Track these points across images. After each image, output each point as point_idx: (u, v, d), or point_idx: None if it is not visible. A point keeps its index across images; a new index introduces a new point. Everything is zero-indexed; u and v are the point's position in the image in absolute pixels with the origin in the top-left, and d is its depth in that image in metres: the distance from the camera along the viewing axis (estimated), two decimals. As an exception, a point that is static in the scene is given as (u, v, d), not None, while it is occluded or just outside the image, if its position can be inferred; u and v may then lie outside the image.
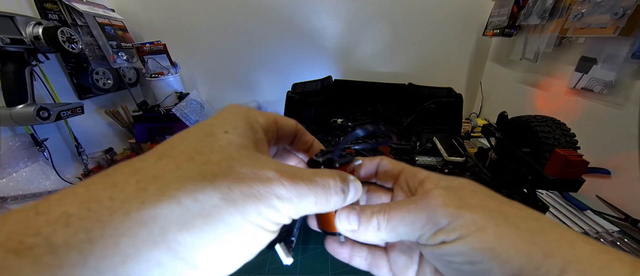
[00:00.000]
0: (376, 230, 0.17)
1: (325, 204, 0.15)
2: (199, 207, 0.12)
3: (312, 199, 0.14)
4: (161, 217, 0.11)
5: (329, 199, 0.15)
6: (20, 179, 0.71)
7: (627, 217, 0.59)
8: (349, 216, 0.17)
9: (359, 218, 0.17)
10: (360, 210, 0.17)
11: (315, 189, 0.14)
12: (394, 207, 0.17)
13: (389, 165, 0.21)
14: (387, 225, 0.17)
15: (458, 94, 0.83)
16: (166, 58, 1.03)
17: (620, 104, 0.62)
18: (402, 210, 0.17)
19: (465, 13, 1.07)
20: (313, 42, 1.13)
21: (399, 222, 0.16)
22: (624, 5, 0.55)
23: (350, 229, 0.17)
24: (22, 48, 0.64)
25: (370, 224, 0.17)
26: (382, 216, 0.17)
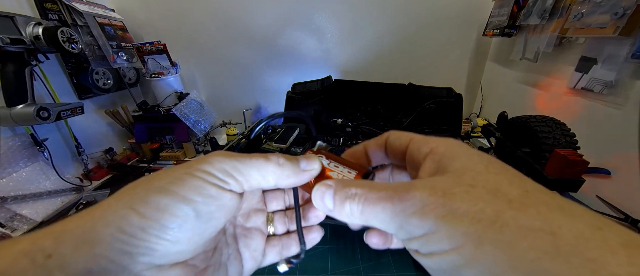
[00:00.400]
0: (349, 216, 0.16)
1: (266, 173, 0.17)
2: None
3: (254, 170, 0.17)
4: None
5: (267, 168, 0.17)
6: (20, 179, 0.71)
7: (627, 217, 0.59)
8: (324, 194, 0.17)
9: (333, 198, 0.16)
10: (336, 190, 0.16)
11: (256, 161, 0.17)
12: (369, 197, 0.15)
13: (396, 139, 0.19)
14: (361, 215, 0.15)
15: (458, 94, 0.83)
16: (166, 58, 1.03)
17: (620, 104, 0.62)
18: (376, 203, 0.15)
19: (465, 13, 1.07)
20: (313, 42, 1.13)
21: (371, 216, 0.15)
22: (624, 5, 0.55)
23: (326, 208, 0.17)
24: (22, 48, 0.64)
25: (343, 209, 0.16)
26: (356, 205, 0.15)
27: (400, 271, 0.53)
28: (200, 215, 0.15)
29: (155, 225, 0.14)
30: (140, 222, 0.14)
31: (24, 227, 0.65)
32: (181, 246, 0.15)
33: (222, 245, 0.20)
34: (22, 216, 0.67)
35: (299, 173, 0.18)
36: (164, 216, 0.14)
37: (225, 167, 0.16)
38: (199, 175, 0.15)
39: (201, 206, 0.15)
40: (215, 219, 0.16)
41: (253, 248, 0.21)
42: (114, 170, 0.91)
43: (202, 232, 0.16)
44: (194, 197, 0.15)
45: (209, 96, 1.22)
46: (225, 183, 0.16)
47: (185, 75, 1.15)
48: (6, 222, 0.65)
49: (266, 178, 0.17)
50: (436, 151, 0.16)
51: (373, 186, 0.15)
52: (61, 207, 0.73)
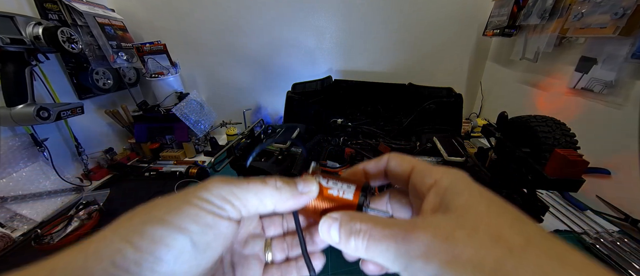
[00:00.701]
0: (354, 251, 0.16)
1: (263, 197, 0.17)
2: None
3: (252, 195, 0.17)
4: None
5: (264, 192, 0.17)
6: (20, 179, 0.71)
7: (627, 217, 0.59)
8: (330, 228, 0.17)
9: (339, 231, 0.16)
10: (342, 223, 0.16)
11: (254, 186, 0.17)
12: (374, 234, 0.15)
13: (398, 165, 0.19)
14: (366, 251, 0.15)
15: (458, 94, 0.83)
16: (166, 58, 1.03)
17: (620, 104, 0.62)
18: (381, 242, 0.15)
19: (465, 13, 1.07)
20: (313, 42, 1.13)
21: (376, 254, 0.15)
22: (624, 5, 0.55)
23: (332, 241, 0.17)
24: (22, 48, 0.64)
25: (349, 244, 0.16)
26: (361, 241, 0.15)
27: (400, 271, 0.53)
28: (197, 246, 0.15)
29: (150, 257, 0.13)
30: (135, 255, 0.13)
31: (24, 227, 0.65)
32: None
33: (219, 274, 0.19)
34: (22, 216, 0.67)
35: (297, 196, 0.18)
36: (158, 248, 0.13)
37: (223, 193, 0.16)
38: (196, 203, 0.15)
39: (197, 236, 0.15)
40: (211, 249, 0.16)
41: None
42: (114, 170, 0.91)
43: (198, 263, 0.15)
44: (190, 226, 0.14)
45: (209, 96, 1.22)
46: (223, 209, 0.16)
47: (185, 75, 1.15)
48: (6, 222, 0.65)
49: (264, 203, 0.17)
50: (440, 184, 0.16)
51: (377, 222, 0.16)
52: (61, 207, 0.73)
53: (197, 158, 1.00)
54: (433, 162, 0.62)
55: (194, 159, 0.99)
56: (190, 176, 0.84)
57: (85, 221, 0.65)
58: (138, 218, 0.15)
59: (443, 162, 0.61)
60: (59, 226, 0.63)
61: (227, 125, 1.14)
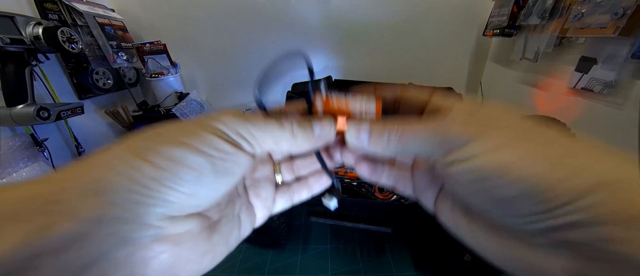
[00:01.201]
0: (386, 146, 0.17)
1: (279, 140, 0.17)
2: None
3: (268, 136, 0.17)
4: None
5: (281, 136, 0.17)
6: (20, 179, 0.71)
7: (627, 217, 0.59)
8: (359, 134, 0.17)
9: (369, 136, 0.17)
10: (372, 127, 0.17)
11: (271, 127, 0.17)
12: (409, 124, 0.16)
13: (417, 90, 0.20)
14: (399, 142, 0.16)
15: (458, 94, 0.83)
16: (166, 58, 1.03)
17: (620, 104, 0.62)
18: (417, 127, 0.16)
19: (465, 13, 1.07)
20: (313, 41, 1.13)
21: (411, 139, 0.16)
22: (624, 5, 0.55)
23: (360, 146, 0.18)
24: (22, 48, 0.64)
25: (380, 140, 0.17)
26: (395, 133, 0.16)
27: (400, 271, 0.53)
28: (217, 169, 0.15)
29: (171, 176, 0.13)
30: (155, 173, 0.13)
31: (24, 227, 0.65)
32: (198, 200, 0.15)
33: (234, 196, 0.20)
34: (22, 216, 0.67)
35: (312, 140, 0.18)
36: (180, 168, 0.13)
37: (239, 128, 0.16)
38: (213, 131, 0.15)
39: (217, 160, 0.15)
40: (231, 174, 0.16)
41: (264, 197, 0.21)
42: (114, 170, 0.91)
43: (219, 187, 0.15)
44: (209, 151, 0.14)
45: (209, 96, 1.22)
46: (239, 144, 0.16)
47: (185, 75, 1.15)
48: (6, 222, 0.65)
49: (279, 145, 0.17)
50: (464, 101, 0.17)
51: (406, 121, 0.17)
52: (61, 207, 0.73)
53: (197, 158, 1.00)
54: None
55: (194, 159, 0.99)
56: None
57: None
58: (150, 139, 0.14)
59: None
60: (59, 227, 0.63)
61: (227, 125, 1.14)
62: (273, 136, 0.17)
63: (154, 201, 0.13)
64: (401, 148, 0.17)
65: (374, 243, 0.59)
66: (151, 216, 0.13)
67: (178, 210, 0.14)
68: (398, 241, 0.72)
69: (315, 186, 0.22)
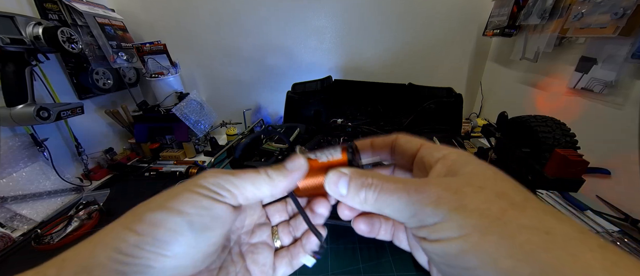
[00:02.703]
0: (363, 202, 0.17)
1: (258, 184, 0.18)
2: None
3: (248, 183, 0.18)
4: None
5: (258, 180, 0.18)
6: (20, 179, 0.71)
7: (627, 217, 0.59)
8: (338, 181, 0.18)
9: (347, 185, 0.17)
10: (352, 178, 0.17)
11: (249, 175, 0.18)
12: (386, 187, 0.16)
13: (407, 142, 0.20)
14: (375, 203, 0.16)
15: (458, 94, 0.83)
16: (166, 58, 1.03)
17: (620, 104, 0.62)
18: (392, 193, 0.16)
19: (465, 13, 1.07)
20: (313, 41, 1.13)
21: (385, 204, 0.16)
22: (624, 5, 0.55)
23: (338, 194, 0.18)
24: (22, 48, 0.64)
25: (358, 195, 0.17)
26: (372, 193, 0.16)
27: (400, 271, 0.53)
28: (194, 227, 0.15)
29: (150, 240, 0.14)
30: (136, 239, 0.14)
31: (24, 227, 0.65)
32: (178, 260, 0.15)
33: (227, 264, 0.20)
34: (22, 216, 0.67)
35: (288, 175, 0.19)
36: (157, 231, 0.14)
37: (220, 181, 0.17)
38: (193, 189, 0.16)
39: (194, 217, 0.15)
40: (209, 230, 0.16)
41: (261, 263, 0.21)
42: (114, 170, 0.91)
43: (197, 245, 0.16)
44: (186, 209, 0.15)
45: (209, 96, 1.22)
46: (219, 195, 0.17)
47: (185, 75, 1.15)
48: (6, 222, 0.65)
49: (260, 189, 0.18)
50: (448, 157, 0.17)
51: (388, 178, 0.17)
52: (61, 207, 0.73)
53: (197, 158, 1.00)
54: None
55: (194, 159, 0.99)
56: (190, 176, 0.84)
57: (85, 222, 0.65)
58: (140, 207, 0.16)
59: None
60: (59, 227, 0.63)
61: (227, 125, 1.14)
62: (252, 181, 0.18)
63: (136, 268, 0.14)
64: (377, 210, 0.17)
65: (374, 243, 0.59)
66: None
67: (160, 275, 0.14)
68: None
69: (308, 244, 0.22)
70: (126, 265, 0.13)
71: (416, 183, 0.16)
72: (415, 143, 0.20)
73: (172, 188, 0.17)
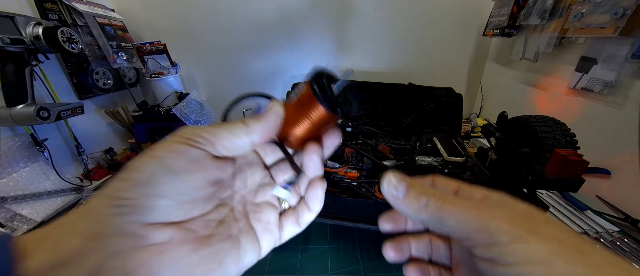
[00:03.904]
0: (421, 210, 0.17)
1: (235, 130, 0.19)
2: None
3: (223, 130, 0.19)
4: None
5: (234, 127, 0.19)
6: (20, 179, 0.71)
7: (627, 217, 0.59)
8: (398, 183, 0.18)
9: (406, 189, 0.18)
10: (413, 185, 0.18)
11: (225, 124, 0.19)
12: (452, 200, 0.16)
13: (443, 184, 0.20)
14: (436, 212, 0.17)
15: (458, 94, 0.83)
16: (166, 58, 1.03)
17: (620, 104, 0.62)
18: (460, 206, 0.16)
19: (465, 13, 1.07)
20: (313, 41, 1.13)
21: (450, 215, 0.16)
22: (624, 5, 0.55)
23: (394, 194, 0.18)
24: (22, 48, 0.64)
25: (417, 201, 0.17)
26: (434, 202, 0.17)
27: (400, 271, 0.53)
28: (170, 168, 0.17)
29: (132, 183, 0.16)
30: (122, 185, 0.16)
31: (24, 227, 0.65)
32: (163, 200, 0.16)
33: (229, 219, 0.20)
34: (22, 216, 0.67)
35: (262, 118, 0.19)
36: (137, 174, 0.16)
37: (196, 130, 0.18)
38: (169, 138, 0.18)
39: (167, 160, 0.17)
40: (186, 172, 0.17)
41: (265, 221, 0.21)
42: (114, 170, 0.91)
43: (179, 186, 0.17)
44: (162, 153, 0.17)
45: (209, 96, 1.22)
46: (194, 141, 0.18)
47: (185, 75, 1.15)
48: (6, 222, 0.65)
49: (238, 136, 0.19)
50: (490, 198, 0.17)
51: (449, 195, 0.17)
52: (61, 207, 0.73)
53: (197, 158, 1.00)
54: (433, 162, 0.62)
55: (194, 159, 0.99)
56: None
57: (85, 221, 0.65)
58: (129, 162, 0.17)
59: (443, 162, 0.61)
60: (59, 226, 0.63)
61: (227, 125, 1.14)
62: (228, 129, 0.19)
63: (127, 209, 0.15)
64: (437, 219, 0.17)
65: (374, 243, 0.59)
66: (130, 225, 0.15)
67: (149, 215, 0.16)
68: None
69: (312, 203, 0.22)
70: (118, 206, 0.15)
71: (484, 202, 0.16)
72: (452, 185, 0.20)
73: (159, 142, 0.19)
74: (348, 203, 0.53)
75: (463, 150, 0.63)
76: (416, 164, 0.62)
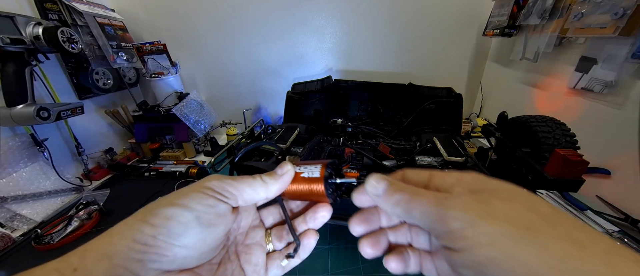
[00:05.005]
0: (394, 205, 0.18)
1: (255, 187, 0.21)
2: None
3: (246, 186, 0.20)
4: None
5: (255, 184, 0.21)
6: (20, 179, 0.71)
7: (627, 217, 0.59)
8: (379, 181, 0.19)
9: (386, 187, 0.19)
10: (390, 183, 0.19)
11: (246, 180, 0.21)
12: (418, 194, 0.18)
13: (415, 174, 0.21)
14: (405, 206, 0.18)
15: (458, 94, 0.83)
16: (166, 58, 1.03)
17: (620, 104, 0.62)
18: (422, 199, 0.17)
19: (465, 13, 1.07)
20: (313, 42, 1.13)
21: (414, 208, 0.17)
22: (624, 5, 0.55)
23: (375, 193, 0.20)
24: (22, 48, 0.64)
25: (392, 197, 0.18)
26: (404, 197, 0.18)
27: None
28: (201, 221, 0.17)
29: (164, 231, 0.16)
30: (151, 231, 0.16)
31: (24, 227, 0.65)
32: (187, 251, 0.17)
33: (225, 261, 0.21)
34: (22, 216, 0.67)
35: (278, 178, 0.22)
36: (170, 223, 0.16)
37: (223, 184, 0.19)
38: (201, 190, 0.18)
39: (202, 213, 0.17)
40: (214, 226, 0.18)
41: (254, 263, 0.22)
42: (114, 170, 0.91)
43: (204, 238, 0.18)
44: (195, 206, 0.17)
45: (209, 96, 1.22)
46: (223, 196, 0.19)
47: (185, 75, 1.15)
48: (6, 222, 0.65)
49: (257, 191, 0.21)
50: (463, 180, 0.17)
51: (418, 189, 0.18)
52: (61, 207, 0.73)
53: (197, 158, 1.00)
54: (433, 162, 0.62)
55: (194, 159, 0.99)
56: (190, 176, 0.84)
57: (85, 221, 0.65)
58: (154, 205, 0.18)
59: (443, 162, 0.61)
60: (59, 226, 0.63)
61: (227, 125, 1.14)
62: (249, 184, 0.20)
63: (150, 256, 0.15)
64: (407, 213, 0.18)
65: (374, 243, 0.59)
66: (148, 272, 0.15)
67: (171, 263, 0.16)
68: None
69: (300, 250, 0.23)
70: (143, 253, 0.15)
71: (445, 194, 0.17)
72: (424, 175, 0.20)
73: (182, 189, 0.19)
74: (348, 203, 0.53)
75: (463, 150, 0.63)
76: (416, 164, 0.62)
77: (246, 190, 0.20)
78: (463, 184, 0.17)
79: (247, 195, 0.20)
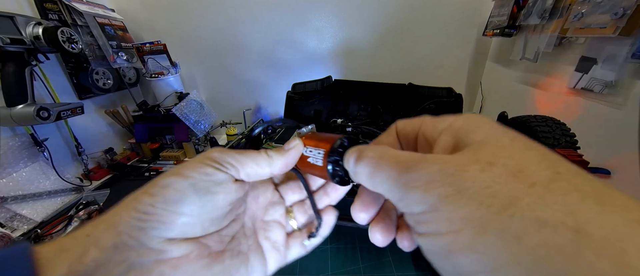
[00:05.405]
0: (359, 177, 0.17)
1: (259, 161, 0.20)
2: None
3: (249, 160, 0.20)
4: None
5: (259, 158, 0.20)
6: (20, 179, 0.71)
7: (627, 217, 0.59)
8: (351, 156, 0.18)
9: (354, 158, 0.17)
10: (359, 152, 0.17)
11: (250, 154, 0.20)
12: (379, 165, 0.15)
13: (407, 124, 0.18)
14: (368, 179, 0.15)
15: (458, 94, 0.83)
16: (166, 58, 1.03)
17: (620, 104, 0.62)
18: (382, 171, 0.14)
19: (465, 13, 1.07)
20: (313, 42, 1.13)
21: (378, 182, 0.15)
22: (624, 5, 0.55)
23: (351, 170, 0.18)
24: (22, 48, 0.64)
25: (358, 168, 0.16)
26: (366, 168, 0.15)
27: (400, 271, 0.53)
28: (197, 188, 0.17)
29: (161, 198, 0.16)
30: (150, 199, 0.16)
31: (24, 227, 0.65)
32: (186, 218, 0.17)
33: (240, 235, 0.21)
34: (22, 216, 0.67)
35: (284, 154, 0.21)
36: (166, 191, 0.17)
37: (224, 156, 0.19)
38: (200, 160, 0.19)
39: (198, 181, 0.18)
40: (211, 194, 0.18)
41: (273, 240, 0.22)
42: (114, 170, 0.91)
43: (203, 206, 0.18)
44: (191, 174, 0.18)
45: (209, 96, 1.22)
46: (222, 166, 0.19)
47: (185, 75, 1.15)
48: (6, 222, 0.65)
49: (260, 165, 0.20)
50: (454, 125, 0.15)
51: (387, 153, 0.15)
52: (61, 207, 0.73)
53: (197, 158, 1.00)
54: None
55: (194, 159, 0.99)
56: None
57: (85, 222, 0.65)
58: (156, 178, 0.18)
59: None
60: (59, 227, 0.63)
61: (227, 125, 1.14)
62: (252, 158, 0.20)
63: (150, 224, 0.16)
64: (372, 186, 0.15)
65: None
66: (151, 239, 0.16)
67: (171, 230, 0.17)
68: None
69: (322, 229, 0.23)
70: (143, 221, 0.16)
71: (412, 160, 0.13)
72: (415, 123, 0.17)
73: (186, 161, 0.19)
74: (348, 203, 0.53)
75: (463, 150, 0.63)
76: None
77: (248, 164, 0.20)
78: (452, 131, 0.14)
79: (249, 168, 0.20)
